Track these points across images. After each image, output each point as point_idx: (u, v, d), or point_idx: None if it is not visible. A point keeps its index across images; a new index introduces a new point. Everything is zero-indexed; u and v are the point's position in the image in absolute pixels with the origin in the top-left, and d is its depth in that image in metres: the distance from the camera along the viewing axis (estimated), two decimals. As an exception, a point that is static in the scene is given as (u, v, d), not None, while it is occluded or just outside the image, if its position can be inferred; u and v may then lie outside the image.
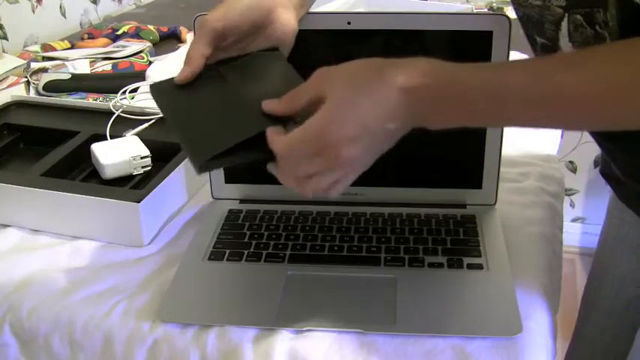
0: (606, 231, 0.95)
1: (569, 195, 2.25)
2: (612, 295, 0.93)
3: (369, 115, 0.54)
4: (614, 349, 0.95)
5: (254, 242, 0.75)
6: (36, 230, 0.80)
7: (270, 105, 0.60)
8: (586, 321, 1.00)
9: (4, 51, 1.42)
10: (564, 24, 0.61)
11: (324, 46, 0.76)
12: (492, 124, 0.70)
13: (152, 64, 1.23)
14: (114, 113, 0.96)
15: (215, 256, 0.73)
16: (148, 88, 1.09)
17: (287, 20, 0.68)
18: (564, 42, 0.63)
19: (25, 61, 1.26)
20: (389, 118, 0.54)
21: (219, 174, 0.82)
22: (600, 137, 0.75)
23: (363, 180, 0.81)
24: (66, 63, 1.24)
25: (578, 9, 0.60)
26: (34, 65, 1.24)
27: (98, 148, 0.86)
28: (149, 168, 0.87)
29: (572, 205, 2.26)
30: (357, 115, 0.54)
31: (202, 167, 0.59)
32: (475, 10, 1.44)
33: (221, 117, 0.62)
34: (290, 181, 0.58)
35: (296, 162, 0.56)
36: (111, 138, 0.90)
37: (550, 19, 0.63)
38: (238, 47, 0.68)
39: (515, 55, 0.69)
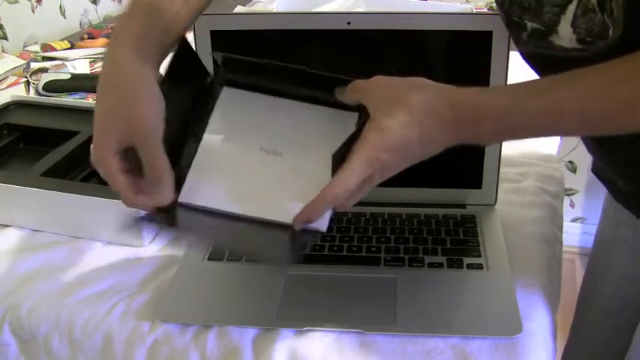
0: (602, 230, 0.94)
1: (569, 195, 2.24)
2: (609, 295, 0.93)
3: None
4: (612, 348, 0.95)
5: (254, 242, 0.75)
6: (36, 230, 0.80)
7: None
8: (583, 320, 1.00)
9: (4, 51, 1.42)
10: (572, 7, 0.58)
11: (324, 46, 0.76)
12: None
13: (152, 64, 1.22)
14: (114, 113, 0.95)
15: (215, 256, 0.73)
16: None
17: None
18: (564, 27, 0.59)
19: (24, 61, 1.26)
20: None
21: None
22: (590, 142, 0.75)
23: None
24: (66, 63, 1.25)
25: None
26: (34, 65, 1.24)
27: (98, 148, 0.86)
28: (149, 168, 0.86)
29: (572, 205, 2.26)
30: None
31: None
32: (475, 10, 1.44)
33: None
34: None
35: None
36: (111, 138, 0.90)
37: (554, 1, 0.59)
38: None
39: (515, 55, 0.69)
